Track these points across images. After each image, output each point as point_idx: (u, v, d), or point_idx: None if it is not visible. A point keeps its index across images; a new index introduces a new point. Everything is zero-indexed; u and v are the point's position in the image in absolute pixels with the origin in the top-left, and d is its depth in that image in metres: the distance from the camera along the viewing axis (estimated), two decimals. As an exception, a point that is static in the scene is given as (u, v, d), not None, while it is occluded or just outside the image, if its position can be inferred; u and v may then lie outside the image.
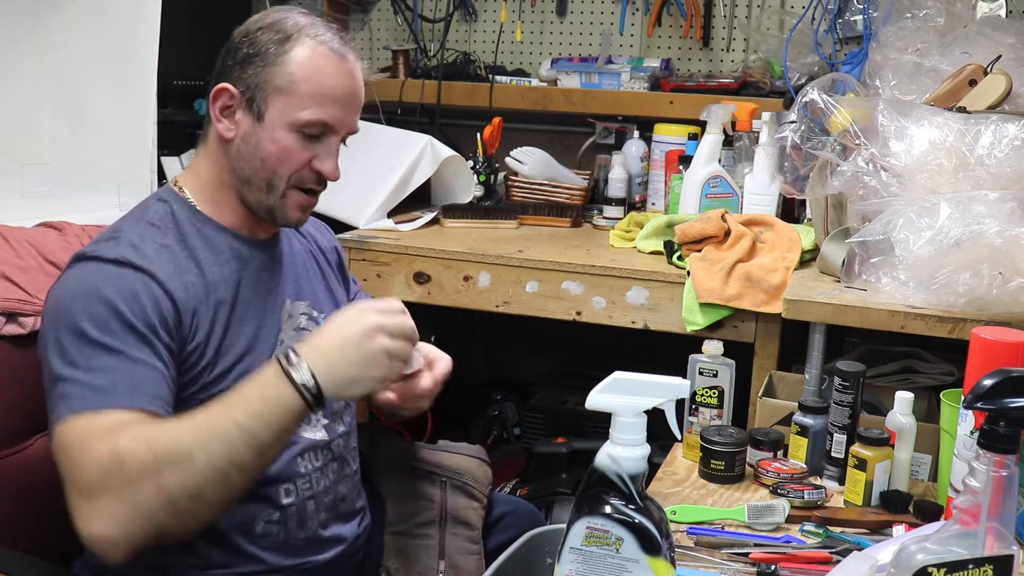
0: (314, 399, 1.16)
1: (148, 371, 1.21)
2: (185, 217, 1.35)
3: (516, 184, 2.66)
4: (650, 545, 0.96)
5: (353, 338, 1.18)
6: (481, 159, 2.65)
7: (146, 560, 1.21)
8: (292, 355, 1.17)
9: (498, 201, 2.67)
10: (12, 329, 1.41)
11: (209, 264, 1.33)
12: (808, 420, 1.54)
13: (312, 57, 1.33)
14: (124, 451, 1.13)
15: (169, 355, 1.25)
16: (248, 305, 1.37)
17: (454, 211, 2.53)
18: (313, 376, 1.16)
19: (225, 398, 1.18)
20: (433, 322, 2.70)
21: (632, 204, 2.67)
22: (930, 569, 0.95)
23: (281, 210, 1.37)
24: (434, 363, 1.44)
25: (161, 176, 2.39)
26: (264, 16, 1.36)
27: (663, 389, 0.99)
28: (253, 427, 1.14)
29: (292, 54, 1.32)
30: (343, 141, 1.41)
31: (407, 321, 1.25)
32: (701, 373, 1.61)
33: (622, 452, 0.97)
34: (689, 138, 2.53)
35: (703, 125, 2.42)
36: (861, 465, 1.43)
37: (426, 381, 1.41)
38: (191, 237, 1.34)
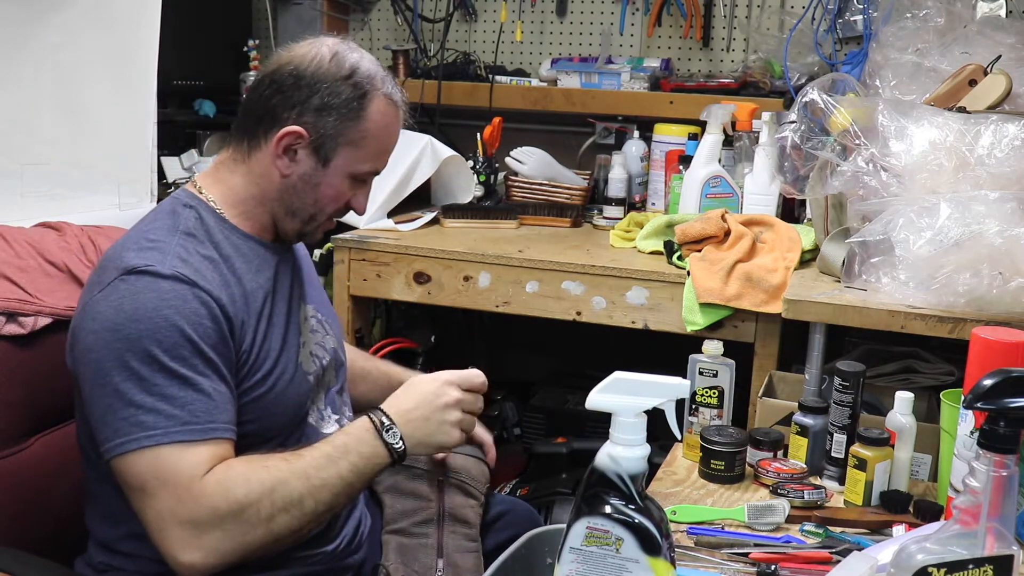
0: (400, 458, 1.34)
1: (219, 397, 1.27)
2: (214, 225, 1.36)
3: (516, 184, 2.66)
4: (650, 545, 0.96)
5: (435, 410, 1.37)
6: (481, 159, 2.65)
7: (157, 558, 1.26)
8: (385, 420, 1.34)
9: (498, 201, 2.67)
10: (12, 329, 1.41)
11: (245, 273, 1.36)
12: (808, 420, 1.54)
13: (383, 116, 1.38)
14: (239, 495, 1.23)
15: (228, 371, 1.29)
16: (278, 311, 1.40)
17: (454, 211, 2.53)
18: (402, 440, 1.34)
19: (322, 449, 1.30)
20: (433, 322, 2.70)
21: (632, 204, 2.67)
22: (930, 569, 0.95)
23: (311, 236, 1.45)
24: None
25: (161, 176, 2.39)
26: (338, 59, 1.35)
27: (663, 389, 0.99)
28: (352, 480, 1.31)
29: (369, 111, 1.36)
30: None
31: (480, 401, 1.44)
32: (701, 373, 1.61)
33: (622, 452, 0.97)
34: (689, 138, 2.53)
35: (703, 125, 2.42)
36: (861, 465, 1.43)
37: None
38: (223, 246, 1.35)
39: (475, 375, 1.43)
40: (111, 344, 1.23)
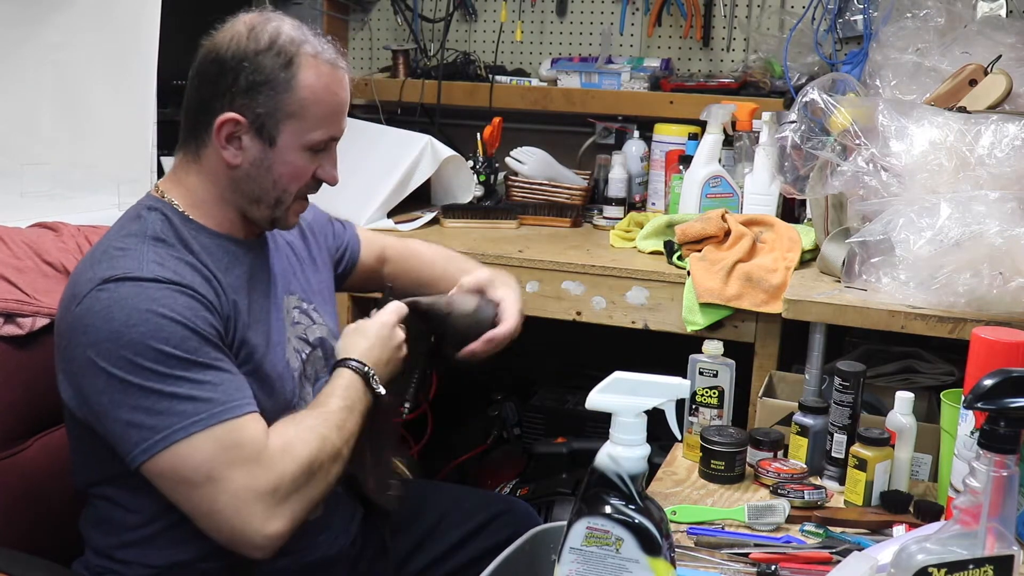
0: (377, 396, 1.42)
1: (238, 377, 1.28)
2: (180, 224, 1.33)
3: (516, 184, 2.66)
4: (650, 545, 0.96)
5: (393, 349, 1.47)
6: (481, 159, 2.65)
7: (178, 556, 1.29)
8: (369, 370, 1.41)
9: (498, 201, 2.67)
10: (10, 330, 1.41)
11: (218, 271, 1.33)
12: (808, 420, 1.54)
13: (319, 78, 1.31)
14: (304, 455, 1.26)
15: (232, 361, 1.29)
16: (257, 308, 1.37)
17: (454, 211, 2.53)
18: (378, 382, 1.42)
19: (336, 403, 1.35)
20: (433, 322, 2.70)
21: (632, 204, 2.67)
22: (930, 569, 0.95)
23: (283, 219, 1.39)
24: (501, 323, 1.62)
25: (161, 176, 2.39)
26: (256, 33, 1.31)
27: (663, 389, 0.99)
28: (360, 424, 1.38)
29: (299, 78, 1.30)
30: None
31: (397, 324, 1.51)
32: (701, 373, 1.61)
33: (622, 452, 0.97)
34: (689, 138, 2.53)
35: (703, 125, 2.42)
36: (861, 465, 1.43)
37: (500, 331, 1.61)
38: (192, 244, 1.33)
39: (400, 307, 1.51)
40: (115, 353, 1.19)
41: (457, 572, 1.62)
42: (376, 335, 1.45)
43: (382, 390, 1.41)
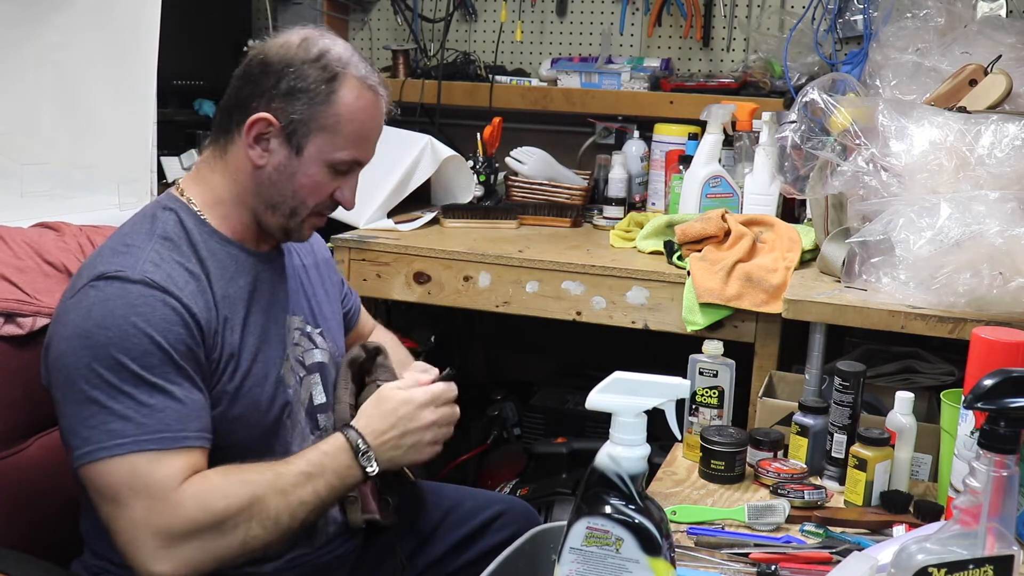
0: (369, 478, 1.34)
1: (192, 404, 1.25)
2: (193, 227, 1.34)
3: (516, 184, 2.66)
4: (650, 545, 0.96)
5: (409, 433, 1.36)
6: (481, 159, 2.65)
7: None
8: (362, 444, 1.32)
9: (498, 201, 2.67)
10: (11, 330, 1.41)
11: (218, 279, 1.33)
12: (808, 420, 1.54)
13: (358, 99, 1.33)
14: (218, 508, 1.21)
15: (201, 378, 1.27)
16: (254, 321, 1.36)
17: (454, 211, 2.53)
18: (375, 463, 1.33)
19: (298, 466, 1.29)
20: (433, 322, 2.70)
21: (632, 204, 2.67)
22: (930, 569, 0.95)
23: (297, 232, 1.40)
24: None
25: (161, 176, 2.39)
26: (307, 44, 1.32)
27: (663, 389, 0.99)
28: (326, 497, 1.31)
29: (340, 94, 1.31)
30: None
31: (455, 411, 1.43)
32: (701, 373, 1.61)
33: (622, 452, 0.97)
34: (689, 138, 2.53)
35: (703, 125, 2.42)
36: (861, 465, 1.43)
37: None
38: (201, 249, 1.33)
39: (447, 390, 1.41)
40: (79, 352, 1.21)
41: (457, 572, 1.62)
42: (394, 410, 1.37)
43: (373, 469, 1.32)
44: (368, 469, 1.32)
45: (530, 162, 2.65)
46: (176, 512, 1.20)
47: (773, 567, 1.23)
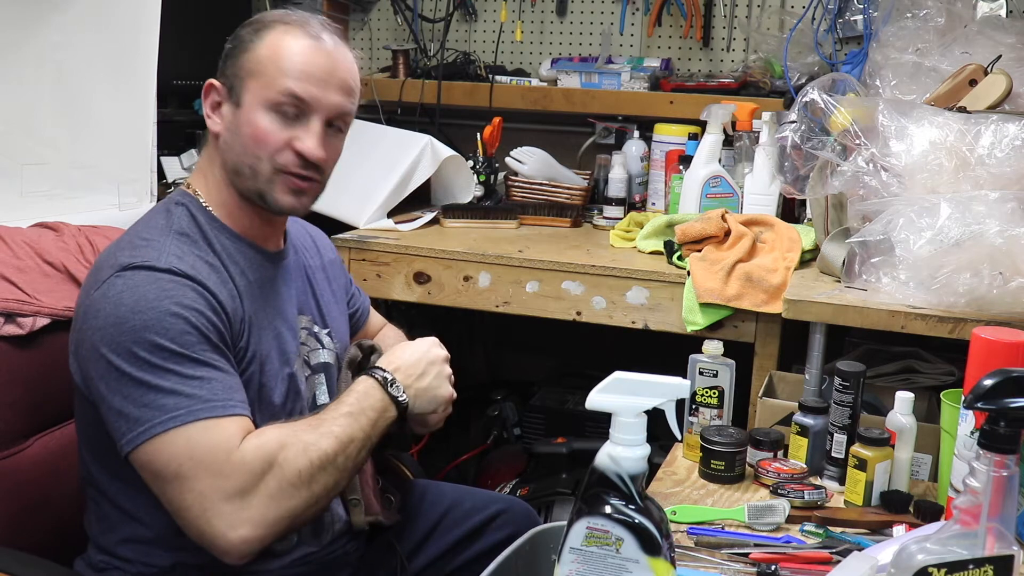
0: (404, 410, 1.38)
1: (232, 379, 1.27)
2: (206, 222, 1.36)
3: (516, 184, 2.66)
4: (650, 545, 0.96)
5: (430, 363, 1.43)
6: (481, 159, 2.65)
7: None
8: (388, 375, 1.38)
9: (498, 201, 2.67)
10: (11, 330, 1.41)
11: (236, 274, 1.34)
12: (808, 420, 1.54)
13: (281, 38, 1.34)
14: (278, 456, 1.22)
15: (230, 362, 1.29)
16: (264, 317, 1.38)
17: (454, 211, 2.53)
18: (404, 392, 1.38)
19: (339, 409, 1.32)
20: (433, 322, 2.70)
21: (632, 204, 2.67)
22: (930, 569, 0.95)
23: (270, 194, 1.34)
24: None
25: (161, 176, 2.39)
26: (258, 17, 1.38)
27: (663, 389, 0.99)
28: (371, 434, 1.33)
29: (264, 39, 1.34)
30: (335, 127, 1.38)
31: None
32: (701, 373, 1.61)
33: (622, 452, 0.97)
34: (689, 138, 2.53)
35: (703, 125, 2.42)
36: (861, 465, 1.43)
37: None
38: (215, 244, 1.35)
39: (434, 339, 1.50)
40: (117, 338, 1.21)
41: (457, 571, 1.63)
42: (410, 346, 1.45)
43: (404, 398, 1.37)
44: (399, 397, 1.36)
45: (530, 162, 2.65)
46: (241, 469, 1.20)
47: (773, 567, 1.23)
